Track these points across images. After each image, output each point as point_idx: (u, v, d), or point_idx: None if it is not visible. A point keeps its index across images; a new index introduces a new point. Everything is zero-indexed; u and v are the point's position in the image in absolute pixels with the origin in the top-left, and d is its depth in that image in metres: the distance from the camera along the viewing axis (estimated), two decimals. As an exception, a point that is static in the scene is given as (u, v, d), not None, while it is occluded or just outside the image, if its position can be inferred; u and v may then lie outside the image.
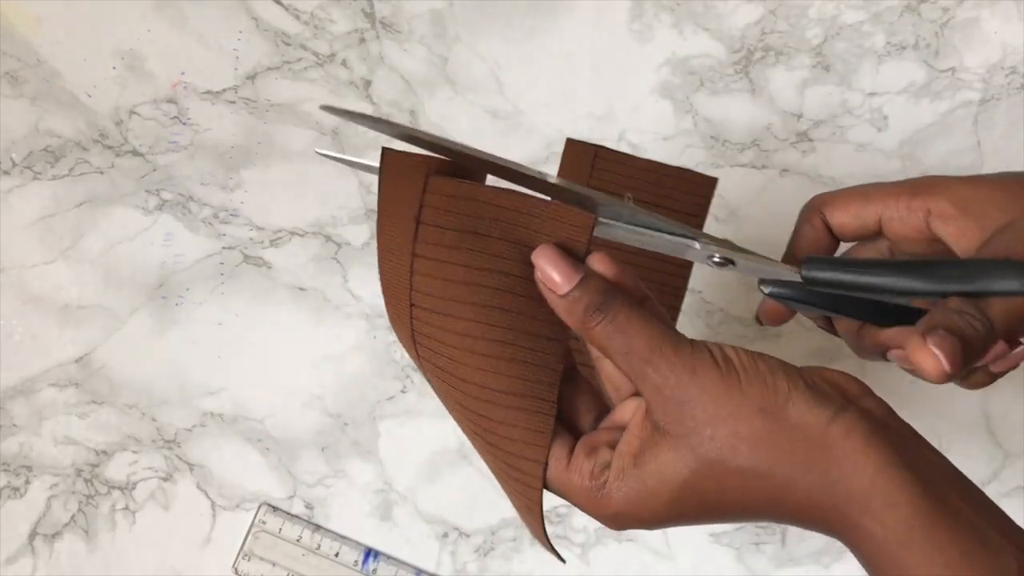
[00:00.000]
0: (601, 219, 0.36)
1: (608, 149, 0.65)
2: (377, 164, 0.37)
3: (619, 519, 0.35)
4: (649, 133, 0.65)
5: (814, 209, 0.43)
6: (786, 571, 0.63)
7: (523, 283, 0.35)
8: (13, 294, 0.64)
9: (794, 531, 0.63)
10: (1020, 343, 0.39)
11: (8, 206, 0.65)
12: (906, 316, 0.40)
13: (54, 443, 0.63)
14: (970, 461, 0.63)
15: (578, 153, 0.65)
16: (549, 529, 0.63)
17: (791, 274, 0.38)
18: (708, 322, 0.64)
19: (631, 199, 0.36)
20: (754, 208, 0.64)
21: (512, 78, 0.66)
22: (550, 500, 0.66)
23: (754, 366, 0.33)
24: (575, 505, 0.36)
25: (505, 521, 0.63)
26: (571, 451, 0.36)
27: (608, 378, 0.38)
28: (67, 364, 0.64)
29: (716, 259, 0.37)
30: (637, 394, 0.37)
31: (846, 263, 0.38)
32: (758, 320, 0.45)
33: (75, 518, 0.63)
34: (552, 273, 0.34)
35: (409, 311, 0.36)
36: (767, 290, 0.41)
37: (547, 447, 0.35)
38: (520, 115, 0.65)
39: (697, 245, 0.36)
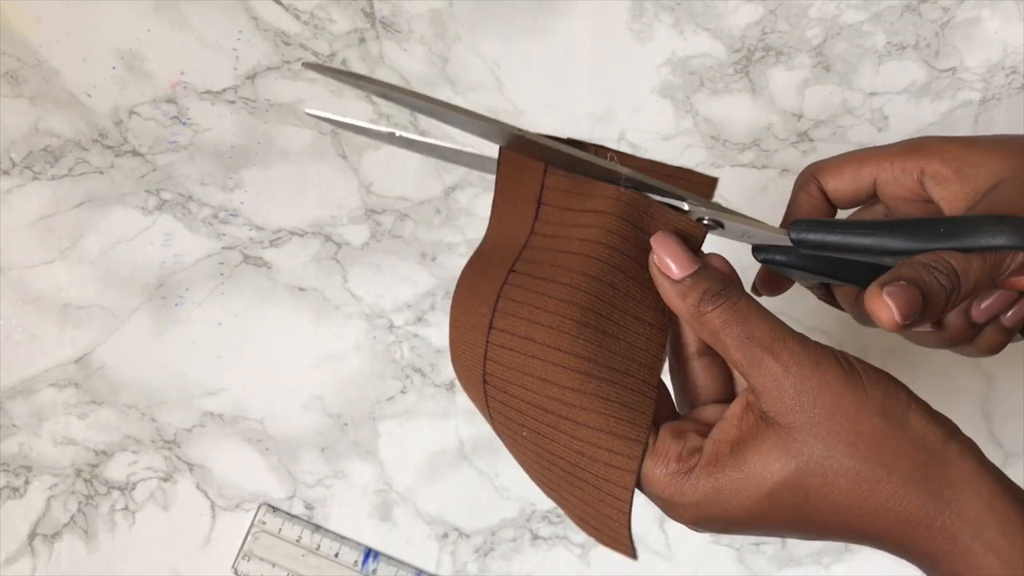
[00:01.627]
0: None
1: (608, 149, 0.65)
2: (363, 124, 0.39)
3: (701, 509, 0.33)
4: (649, 133, 0.65)
5: (809, 176, 0.42)
6: (786, 571, 0.63)
7: (634, 266, 0.35)
8: (13, 294, 0.64)
9: (794, 531, 0.63)
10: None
11: (8, 206, 0.65)
12: None
13: (54, 443, 0.63)
14: (971, 461, 0.63)
15: (578, 153, 0.65)
16: (548, 529, 0.63)
17: (780, 238, 0.38)
18: (708, 322, 0.64)
19: (613, 157, 0.36)
20: (755, 208, 0.64)
21: (512, 78, 0.66)
22: (548, 501, 0.66)
23: (875, 373, 0.33)
24: (652, 496, 0.34)
25: (505, 521, 0.63)
26: (654, 437, 0.34)
27: (694, 382, 0.37)
28: (66, 364, 0.64)
29: (705, 221, 0.37)
30: (720, 401, 0.36)
31: (834, 224, 0.37)
32: (755, 290, 0.44)
33: (75, 518, 0.63)
34: (668, 260, 0.34)
35: (506, 276, 0.36)
36: (760, 257, 0.40)
37: (647, 427, 0.34)
38: (520, 115, 0.65)
39: (685, 206, 0.36)
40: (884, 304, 0.33)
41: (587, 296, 0.34)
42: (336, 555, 0.62)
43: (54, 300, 0.64)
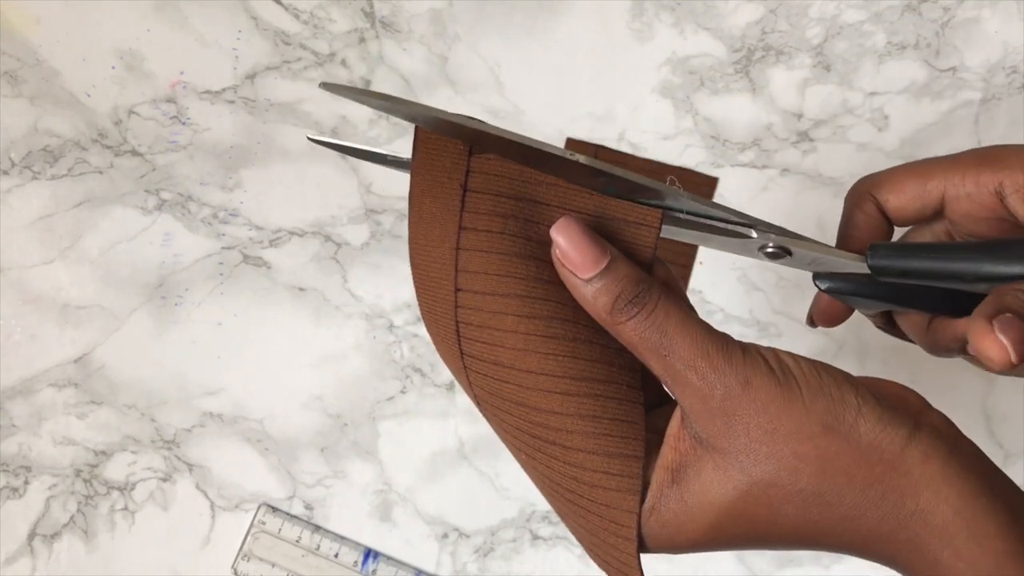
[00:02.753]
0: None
1: (608, 149, 0.65)
2: (372, 149, 0.35)
3: (649, 542, 0.31)
4: (649, 133, 0.65)
5: (864, 193, 0.38)
6: (787, 571, 0.63)
7: None
8: (13, 294, 0.64)
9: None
10: None
11: (7, 206, 0.65)
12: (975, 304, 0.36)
13: (53, 443, 0.63)
14: (971, 461, 0.63)
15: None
16: (548, 530, 0.63)
17: (856, 265, 0.34)
18: (709, 322, 0.64)
19: (675, 182, 0.33)
20: (755, 208, 0.64)
21: (512, 78, 0.66)
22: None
23: (816, 377, 0.29)
24: None
25: (505, 522, 0.63)
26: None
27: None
28: (66, 364, 0.64)
29: (770, 249, 0.33)
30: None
31: (919, 248, 0.33)
32: (811, 322, 0.40)
33: (74, 519, 0.63)
34: (573, 254, 0.30)
35: (455, 298, 0.31)
36: (824, 286, 0.37)
37: (641, 439, 0.30)
38: (520, 115, 0.65)
39: (753, 234, 0.32)
40: (997, 341, 0.29)
41: (547, 304, 0.30)
42: (336, 555, 0.62)
43: (54, 300, 0.64)
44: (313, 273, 0.65)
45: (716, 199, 0.64)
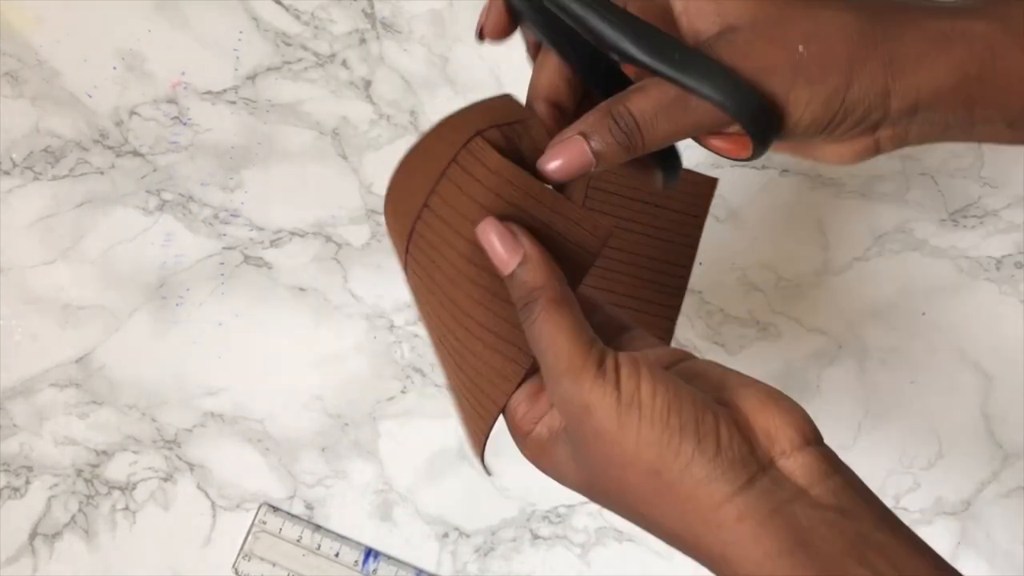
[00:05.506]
0: None
1: (608, 149, 0.65)
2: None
3: (535, 464, 0.35)
4: (649, 133, 0.65)
5: None
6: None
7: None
8: (13, 294, 0.64)
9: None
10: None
11: (8, 206, 0.65)
12: (613, 82, 0.37)
13: (54, 443, 0.63)
14: (970, 461, 0.63)
15: (578, 153, 0.65)
16: (548, 529, 0.64)
17: None
18: (708, 322, 0.64)
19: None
20: (754, 208, 0.64)
21: (512, 78, 0.66)
22: (552, 500, 0.66)
23: (663, 417, 0.30)
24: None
25: (506, 521, 0.63)
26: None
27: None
28: (67, 364, 0.64)
29: None
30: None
31: None
32: (480, 35, 0.39)
33: (75, 518, 0.63)
34: (491, 253, 0.33)
35: (419, 210, 0.35)
36: None
37: (510, 393, 0.35)
38: (520, 115, 0.65)
39: None
40: (554, 155, 0.33)
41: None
42: (336, 555, 0.62)
43: (55, 300, 0.64)
44: (314, 273, 0.65)
45: (716, 199, 0.64)
